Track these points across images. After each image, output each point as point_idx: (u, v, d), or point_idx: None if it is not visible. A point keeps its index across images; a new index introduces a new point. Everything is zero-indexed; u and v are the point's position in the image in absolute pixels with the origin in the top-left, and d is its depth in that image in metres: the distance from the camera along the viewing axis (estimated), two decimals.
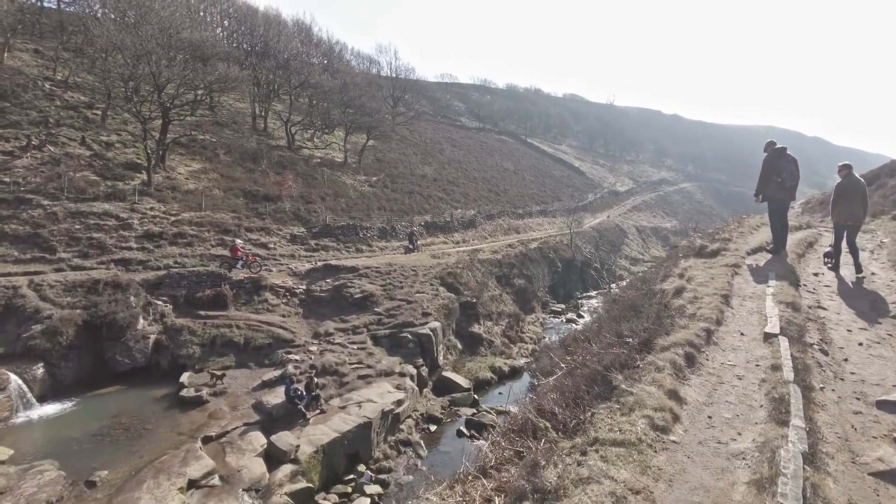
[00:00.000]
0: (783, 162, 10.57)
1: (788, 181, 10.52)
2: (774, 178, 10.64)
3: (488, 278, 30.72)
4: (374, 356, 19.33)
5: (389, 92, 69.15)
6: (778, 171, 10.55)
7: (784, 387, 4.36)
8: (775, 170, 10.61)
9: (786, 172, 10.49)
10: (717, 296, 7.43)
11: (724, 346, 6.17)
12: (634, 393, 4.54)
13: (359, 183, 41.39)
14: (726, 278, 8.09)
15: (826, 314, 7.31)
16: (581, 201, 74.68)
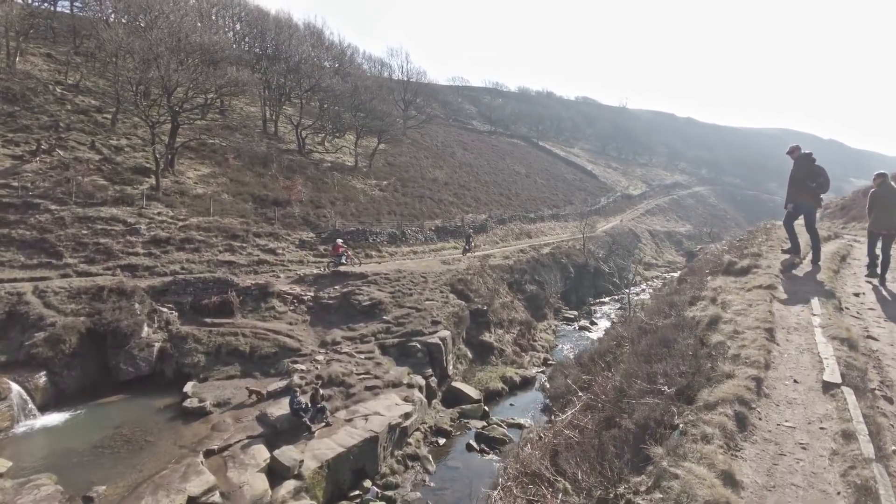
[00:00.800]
0: (817, 168, 10.29)
1: (824, 188, 10.28)
2: (808, 184, 10.31)
3: (499, 284, 30.19)
4: (381, 366, 18.87)
5: (401, 95, 68.82)
6: (813, 176, 10.25)
7: (866, 467, 3.65)
8: (810, 175, 10.30)
9: (822, 178, 10.22)
10: (759, 329, 6.66)
11: (777, 398, 5.32)
12: (680, 476, 3.78)
13: (369, 187, 41.06)
14: (765, 305, 7.29)
15: (879, 346, 6.59)
16: (594, 205, 73.75)
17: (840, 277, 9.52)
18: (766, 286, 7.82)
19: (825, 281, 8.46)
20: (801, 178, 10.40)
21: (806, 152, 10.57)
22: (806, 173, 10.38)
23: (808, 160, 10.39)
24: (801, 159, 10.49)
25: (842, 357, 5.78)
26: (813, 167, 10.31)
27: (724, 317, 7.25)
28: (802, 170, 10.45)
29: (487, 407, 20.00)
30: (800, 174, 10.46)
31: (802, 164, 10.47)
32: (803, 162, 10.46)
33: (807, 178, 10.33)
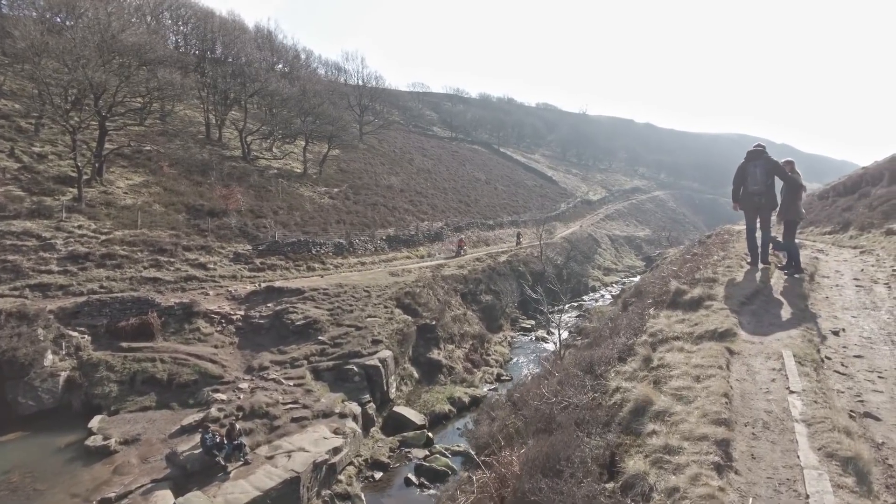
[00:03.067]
0: (752, 167, 9.63)
1: (751, 185, 9.59)
2: (747, 185, 9.72)
3: (452, 296, 28.76)
4: (312, 394, 17.17)
5: (356, 100, 67.06)
6: (748, 177, 9.66)
7: None
8: (744, 176, 9.73)
9: (750, 177, 9.62)
10: (709, 423, 4.44)
11: None
12: None
13: (318, 195, 39.23)
14: (720, 377, 5.06)
15: (882, 430, 4.54)
16: (553, 211, 73.20)
17: (812, 302, 7.98)
18: (722, 333, 5.78)
19: (795, 313, 6.75)
20: (739, 179, 9.80)
21: (752, 150, 9.79)
22: (742, 174, 9.76)
23: (748, 158, 9.70)
24: (745, 159, 9.77)
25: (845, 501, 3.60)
26: (746, 167, 9.66)
27: (657, 404, 4.93)
28: (740, 170, 9.81)
29: (432, 433, 18.47)
30: (737, 175, 9.83)
31: (741, 164, 9.80)
32: (744, 161, 9.77)
33: (742, 179, 9.76)
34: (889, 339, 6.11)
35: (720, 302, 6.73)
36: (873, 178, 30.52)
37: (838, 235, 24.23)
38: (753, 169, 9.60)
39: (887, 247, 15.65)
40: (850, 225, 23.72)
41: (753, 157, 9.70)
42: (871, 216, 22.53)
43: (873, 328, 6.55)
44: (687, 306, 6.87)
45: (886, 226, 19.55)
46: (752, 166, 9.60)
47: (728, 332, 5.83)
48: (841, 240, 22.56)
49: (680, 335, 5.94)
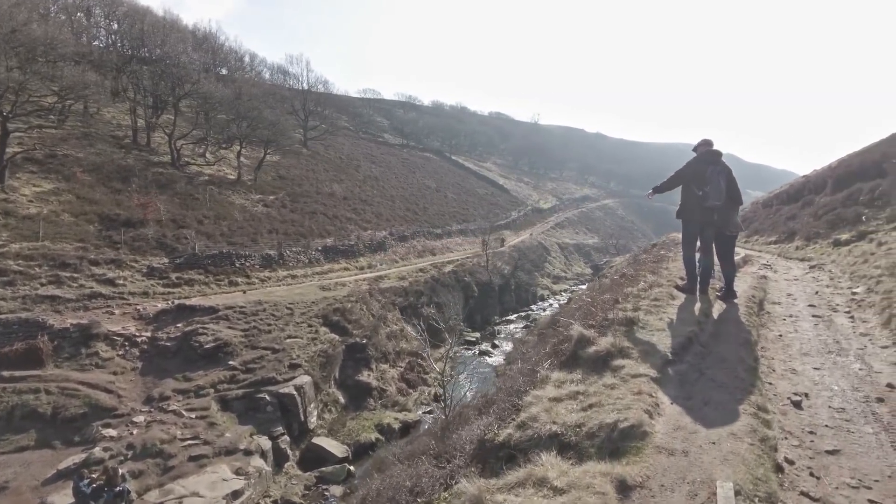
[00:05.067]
0: (714, 173, 7.67)
1: (711, 197, 7.62)
2: (694, 191, 7.80)
3: (389, 310, 27.12)
4: (216, 427, 15.23)
5: (301, 105, 64.78)
6: (702, 181, 7.71)
7: None
8: (698, 179, 7.77)
9: (712, 186, 7.61)
10: None
11: None
12: None
13: (251, 203, 36.99)
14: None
15: None
16: (505, 219, 72.68)
17: (762, 347, 6.29)
18: (625, 433, 3.65)
19: (741, 374, 4.78)
20: (688, 179, 7.98)
21: (713, 150, 8.04)
22: (693, 174, 7.91)
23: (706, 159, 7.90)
24: (699, 157, 8.04)
25: None
26: (703, 169, 7.78)
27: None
28: (691, 169, 7.99)
29: (356, 465, 16.72)
30: (687, 172, 8.01)
31: (694, 162, 8.04)
32: (697, 160, 8.01)
33: (693, 181, 7.88)
34: (869, 408, 4.41)
35: (635, 360, 4.81)
36: (816, 186, 30.46)
37: (784, 245, 23.68)
38: (716, 177, 7.69)
39: (838, 260, 14.84)
40: (796, 234, 23.21)
41: (712, 160, 7.91)
42: (816, 226, 22.01)
43: (845, 389, 4.98)
44: (590, 366, 4.93)
45: (833, 236, 18.89)
46: (714, 172, 7.71)
47: (634, 430, 3.68)
48: (787, 250, 21.93)
49: (559, 433, 3.75)
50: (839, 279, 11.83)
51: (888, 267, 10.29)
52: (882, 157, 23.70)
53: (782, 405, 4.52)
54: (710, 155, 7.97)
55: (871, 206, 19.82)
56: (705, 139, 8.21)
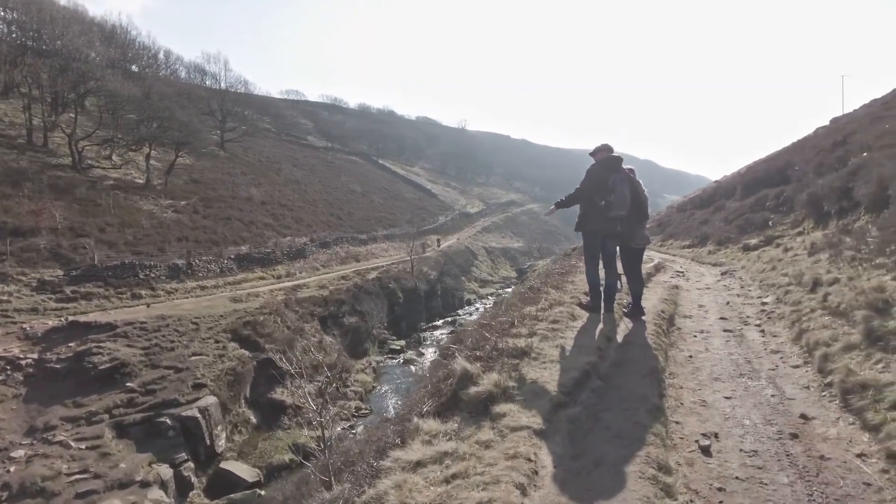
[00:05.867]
0: (619, 181, 7.10)
1: (616, 207, 7.00)
2: (596, 201, 7.16)
3: (307, 321, 26.02)
4: (109, 457, 13.86)
5: (218, 105, 62.01)
6: (605, 190, 7.11)
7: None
8: (600, 187, 7.16)
9: (617, 196, 7.02)
10: None
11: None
12: None
13: (160, 209, 34.78)
14: None
15: None
16: (433, 224, 72.51)
17: (670, 373, 5.82)
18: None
19: (642, 415, 4.15)
20: (590, 189, 7.26)
21: (613, 156, 7.37)
22: (596, 183, 7.22)
23: (608, 166, 7.27)
24: (600, 164, 7.36)
25: None
26: (606, 177, 7.14)
27: None
28: (594, 180, 7.27)
29: (267, 490, 15.72)
30: (590, 186, 7.28)
31: (597, 169, 7.33)
32: (599, 167, 7.32)
33: (596, 191, 7.20)
34: (783, 448, 3.96)
35: (520, 405, 4.12)
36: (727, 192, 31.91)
37: (697, 249, 24.34)
38: (620, 185, 7.07)
39: (748, 266, 15.21)
40: (709, 239, 24.00)
41: (614, 167, 7.29)
42: (727, 230, 22.83)
43: (757, 423, 4.53)
44: (471, 411, 4.26)
45: (743, 241, 19.47)
46: (618, 180, 7.10)
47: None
48: (700, 254, 22.51)
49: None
50: (749, 287, 12.02)
51: (795, 275, 10.32)
52: (786, 164, 24.98)
53: (689, 452, 4.00)
54: (612, 161, 7.35)
55: (777, 211, 20.73)
56: (604, 144, 7.57)
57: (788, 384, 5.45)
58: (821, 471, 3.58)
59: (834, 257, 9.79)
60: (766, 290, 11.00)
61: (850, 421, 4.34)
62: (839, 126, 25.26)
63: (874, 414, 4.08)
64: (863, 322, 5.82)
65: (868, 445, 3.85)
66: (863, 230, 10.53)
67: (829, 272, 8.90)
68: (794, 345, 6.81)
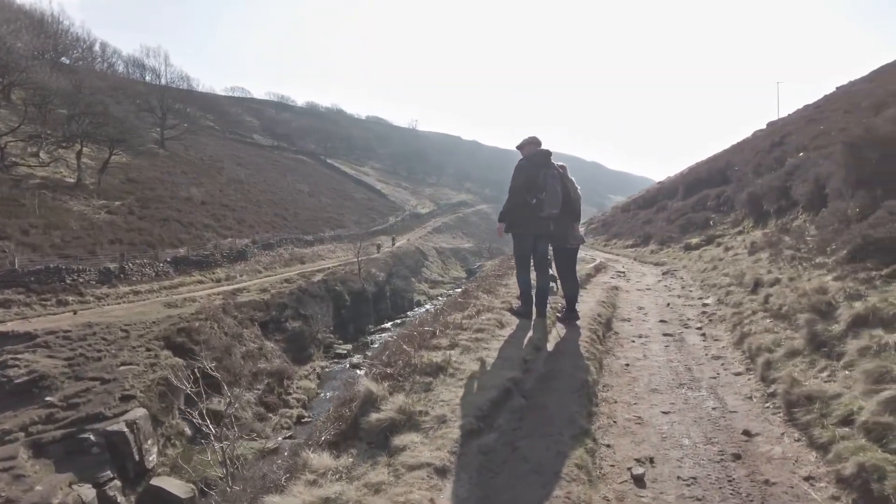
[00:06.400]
0: (550, 177, 6.66)
1: (548, 206, 6.59)
2: (528, 199, 6.67)
3: (247, 327, 25.22)
4: (24, 480, 12.89)
5: (158, 101, 59.61)
6: (535, 187, 6.64)
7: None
8: (532, 185, 6.66)
9: (549, 193, 6.59)
10: None
11: None
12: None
13: (93, 209, 33.08)
14: None
15: None
16: (382, 224, 71.93)
17: (604, 386, 5.40)
18: None
19: (566, 440, 3.70)
20: (520, 188, 6.75)
21: (541, 150, 6.92)
22: (526, 181, 6.71)
23: (538, 162, 6.78)
24: (529, 160, 6.85)
25: None
26: (536, 174, 6.67)
27: None
28: (523, 177, 6.75)
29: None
30: (520, 183, 6.76)
31: (525, 165, 6.83)
32: (528, 163, 6.82)
33: (526, 188, 6.70)
34: (725, 473, 3.60)
35: (425, 435, 3.60)
36: (669, 192, 32.75)
37: (640, 249, 24.75)
38: (551, 181, 6.63)
39: (689, 265, 15.41)
40: (651, 238, 24.51)
41: (543, 162, 6.80)
42: (669, 230, 23.34)
43: (697, 443, 4.10)
44: (370, 443, 3.70)
45: (685, 240, 19.80)
46: (549, 177, 6.65)
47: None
48: (643, 254, 22.80)
49: None
50: (690, 288, 11.96)
51: (736, 275, 10.26)
52: (726, 164, 25.76)
53: (620, 483, 3.52)
54: (541, 156, 6.86)
55: (718, 210, 21.28)
56: (532, 137, 7.07)
57: (730, 394, 5.17)
58: (766, 499, 3.26)
59: (774, 256, 9.79)
60: (708, 290, 10.91)
61: (796, 437, 4.07)
62: (776, 128, 26.28)
63: (821, 430, 3.83)
64: (806, 326, 5.61)
65: (816, 467, 3.57)
66: (801, 229, 10.60)
67: (770, 272, 8.82)
68: (736, 350, 6.60)
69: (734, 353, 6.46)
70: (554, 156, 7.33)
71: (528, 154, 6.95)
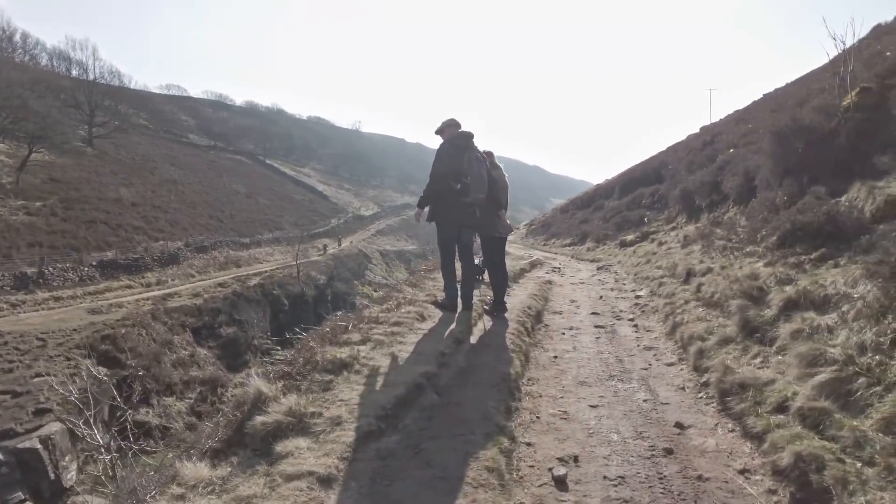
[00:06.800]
0: (474, 160, 6.29)
1: (474, 190, 6.23)
2: (451, 184, 6.24)
3: (178, 333, 24.33)
4: None
5: (86, 97, 56.63)
6: (459, 171, 6.24)
7: None
8: (454, 170, 6.25)
9: (471, 176, 6.21)
10: None
11: None
12: None
13: (9, 210, 31.11)
14: None
15: None
16: (324, 227, 70.85)
17: (527, 380, 5.15)
18: None
19: (476, 451, 3.31)
20: (441, 173, 6.32)
21: (463, 132, 6.50)
22: (450, 167, 6.28)
23: (461, 144, 6.38)
24: (452, 142, 6.45)
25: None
26: (458, 157, 6.27)
27: None
28: (445, 161, 6.34)
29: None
30: (441, 168, 6.35)
31: (448, 148, 6.41)
32: (451, 145, 6.41)
33: (449, 172, 6.27)
34: (655, 470, 3.38)
35: (314, 439, 3.26)
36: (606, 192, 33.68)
37: (577, 247, 25.24)
38: (476, 165, 6.26)
39: (623, 261, 15.74)
40: (588, 237, 25.07)
41: (465, 145, 6.39)
42: (606, 228, 23.94)
43: (626, 438, 3.87)
44: (254, 450, 3.33)
45: (620, 237, 20.33)
46: (474, 160, 6.28)
47: None
48: (580, 252, 23.21)
49: None
50: (624, 281, 12.14)
51: (669, 267, 10.41)
52: (661, 164, 26.68)
53: (539, 486, 3.21)
54: (462, 138, 6.43)
55: (653, 208, 22.01)
56: (451, 119, 6.62)
57: (662, 385, 5.00)
58: (699, 496, 3.06)
59: (706, 248, 9.98)
60: (641, 283, 11.10)
61: (730, 428, 3.92)
62: (708, 129, 27.44)
63: (756, 419, 3.67)
64: (738, 312, 5.54)
65: (751, 458, 3.42)
66: (732, 221, 10.90)
67: (703, 262, 8.98)
68: (669, 340, 6.54)
69: (666, 344, 6.44)
70: (497, 158, 7.23)
71: (449, 137, 6.54)
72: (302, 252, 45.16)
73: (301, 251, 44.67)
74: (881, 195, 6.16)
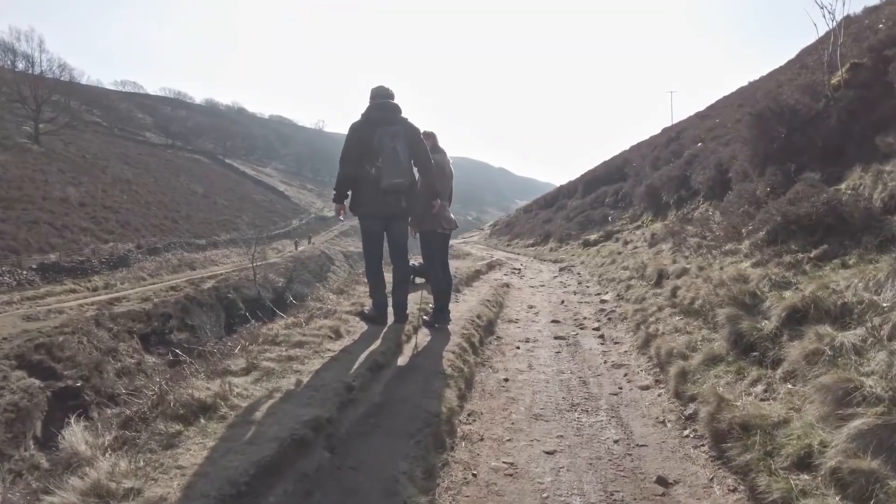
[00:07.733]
0: (387, 137, 5.12)
1: (389, 174, 5.11)
2: (368, 169, 5.22)
3: (124, 340, 23.15)
4: None
5: (31, 91, 54.17)
6: (374, 151, 5.16)
7: None
8: (367, 151, 5.19)
9: (386, 159, 5.11)
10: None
11: None
12: None
13: None
14: None
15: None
16: (284, 227, 69.51)
17: (467, 415, 4.18)
18: None
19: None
20: (358, 154, 5.26)
21: (381, 102, 5.32)
22: (361, 147, 5.23)
23: (377, 120, 5.23)
24: (367, 116, 5.31)
25: None
26: (371, 136, 5.15)
27: None
28: (354, 139, 5.27)
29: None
30: (352, 149, 5.28)
31: (359, 126, 5.28)
32: (364, 123, 5.28)
33: (364, 155, 5.22)
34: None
35: None
36: (569, 192, 33.69)
37: (539, 247, 25.06)
38: (390, 142, 5.10)
39: (587, 261, 15.32)
40: (550, 237, 24.88)
41: (381, 118, 5.24)
42: (568, 227, 23.76)
43: (593, 502, 2.92)
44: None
45: (583, 237, 20.08)
46: (387, 136, 5.12)
47: None
48: (542, 252, 23.02)
49: None
50: (588, 283, 11.55)
51: (637, 268, 9.72)
52: (624, 162, 26.72)
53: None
54: (378, 111, 5.28)
55: (617, 207, 21.83)
56: (379, 87, 5.41)
57: (637, 418, 4.08)
58: None
59: (677, 246, 9.28)
60: (606, 285, 10.42)
61: (731, 486, 2.92)
62: (672, 126, 27.61)
63: (769, 479, 2.62)
64: (728, 324, 4.51)
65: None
66: (705, 217, 10.08)
67: (676, 262, 8.08)
68: (641, 355, 5.69)
69: (639, 360, 5.60)
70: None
71: (367, 109, 5.39)
72: (260, 254, 43.96)
73: (259, 253, 43.45)
74: (894, 181, 5.37)
